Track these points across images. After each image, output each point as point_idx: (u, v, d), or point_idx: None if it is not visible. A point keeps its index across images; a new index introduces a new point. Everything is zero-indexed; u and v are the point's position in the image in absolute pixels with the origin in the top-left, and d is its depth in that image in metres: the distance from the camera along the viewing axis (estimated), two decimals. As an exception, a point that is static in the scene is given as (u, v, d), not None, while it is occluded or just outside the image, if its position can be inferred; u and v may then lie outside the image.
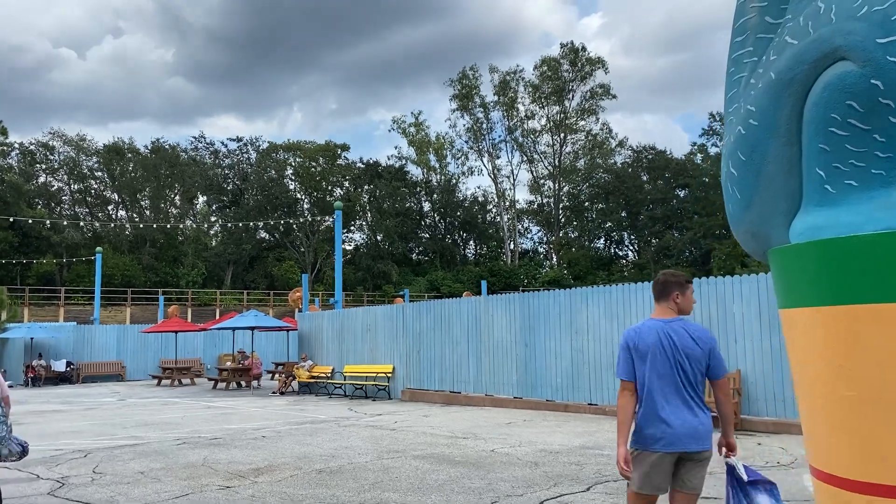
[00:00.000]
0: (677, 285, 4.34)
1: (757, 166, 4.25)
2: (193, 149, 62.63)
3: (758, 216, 4.37)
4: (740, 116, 4.48)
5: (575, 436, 11.38)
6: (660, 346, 4.14)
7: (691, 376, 4.14)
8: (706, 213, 64.99)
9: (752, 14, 5.43)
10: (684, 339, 4.16)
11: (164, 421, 15.27)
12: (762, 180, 4.25)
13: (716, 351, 4.20)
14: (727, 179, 4.60)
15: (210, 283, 59.63)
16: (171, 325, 28.27)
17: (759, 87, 4.32)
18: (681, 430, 4.04)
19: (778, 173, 4.17)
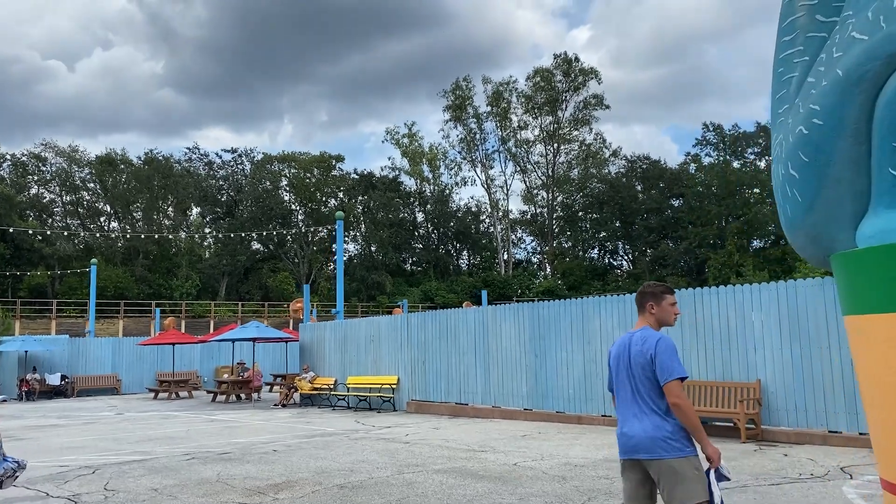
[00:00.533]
0: (651, 296, 4.31)
1: (821, 167, 4.07)
2: (188, 160, 62.31)
3: (821, 219, 4.18)
4: (800, 117, 4.29)
5: (595, 448, 11.15)
6: (620, 357, 4.27)
7: (639, 383, 4.14)
8: (701, 223, 65.10)
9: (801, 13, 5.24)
10: (635, 347, 4.20)
11: (167, 435, 14.94)
12: (827, 181, 4.06)
13: (658, 356, 4.09)
14: (784, 182, 4.40)
15: (204, 295, 59.17)
16: (168, 338, 27.89)
17: (824, 85, 4.13)
18: (630, 438, 4.10)
19: (845, 173, 3.98)
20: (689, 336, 13.00)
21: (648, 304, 4.29)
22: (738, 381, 12.19)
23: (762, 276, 57.72)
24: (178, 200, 61.36)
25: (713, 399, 12.36)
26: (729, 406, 12.09)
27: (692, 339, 12.96)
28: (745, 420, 11.48)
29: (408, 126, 76.37)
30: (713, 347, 12.65)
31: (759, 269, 59.72)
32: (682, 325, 13.10)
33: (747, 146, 70.09)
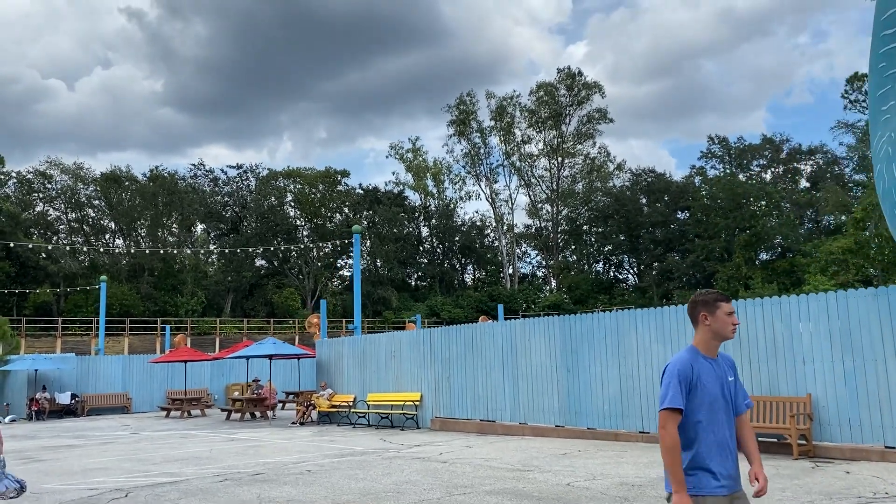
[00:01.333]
0: (703, 304, 3.84)
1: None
2: (192, 176, 62.04)
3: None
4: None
5: (644, 466, 10.76)
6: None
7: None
8: (707, 236, 64.79)
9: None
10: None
11: (191, 455, 14.53)
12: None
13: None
14: None
15: (209, 312, 58.72)
16: (180, 355, 27.48)
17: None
18: None
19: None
20: (733, 349, 12.63)
21: (701, 314, 3.83)
22: (786, 396, 11.82)
23: (771, 288, 57.37)
24: (183, 217, 61.04)
25: (760, 414, 11.98)
26: (777, 421, 11.71)
27: (735, 352, 12.60)
28: (796, 435, 11.11)
29: (412, 141, 76.31)
30: (758, 360, 12.29)
31: (767, 282, 59.38)
32: (725, 338, 12.73)
33: (752, 158, 70.02)
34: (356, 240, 23.99)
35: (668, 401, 3.66)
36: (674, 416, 3.68)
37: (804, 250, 60.31)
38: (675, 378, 3.71)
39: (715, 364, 3.81)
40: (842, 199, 58.72)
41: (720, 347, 3.92)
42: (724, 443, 3.71)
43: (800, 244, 61.96)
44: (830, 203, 58.46)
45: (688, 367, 3.73)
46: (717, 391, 3.76)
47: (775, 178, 69.25)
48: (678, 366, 3.75)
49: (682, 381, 3.71)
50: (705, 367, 3.77)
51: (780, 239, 64.43)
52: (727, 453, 3.71)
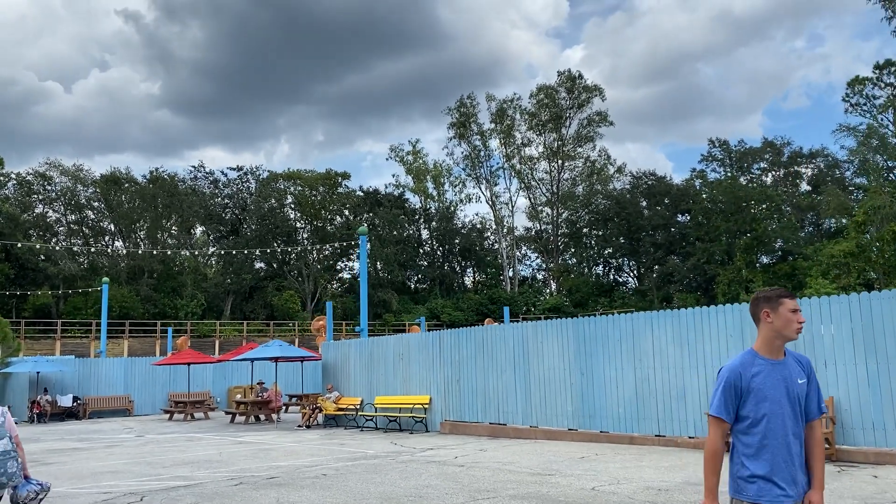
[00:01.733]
0: (766, 301, 3.65)
1: None
2: (192, 178, 61.83)
3: None
4: None
5: (667, 470, 10.60)
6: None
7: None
8: (708, 239, 64.73)
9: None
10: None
11: (201, 459, 14.34)
12: None
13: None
14: None
15: (209, 315, 58.47)
16: (184, 357, 27.27)
17: None
18: None
19: None
20: (752, 352, 12.48)
21: (763, 312, 3.62)
22: (807, 399, 11.66)
23: (772, 291, 57.30)
24: (183, 219, 60.80)
25: (781, 417, 11.82)
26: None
27: (755, 355, 12.44)
28: (820, 439, 10.94)
29: (412, 143, 76.29)
30: (778, 363, 12.13)
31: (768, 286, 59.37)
32: (745, 340, 12.61)
33: (753, 161, 70.00)
34: (363, 241, 23.85)
35: (713, 408, 3.61)
36: (717, 423, 3.60)
37: (805, 254, 60.27)
38: (722, 385, 3.60)
39: (780, 366, 3.62)
40: (843, 203, 58.70)
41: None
42: (788, 450, 3.53)
43: (801, 247, 61.93)
44: (832, 206, 58.42)
45: (736, 374, 3.58)
46: (781, 395, 3.57)
47: (776, 181, 69.26)
48: (727, 372, 3.61)
49: (728, 388, 3.58)
50: (765, 369, 3.60)
51: (780, 242, 64.38)
52: (792, 461, 3.53)
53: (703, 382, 13.15)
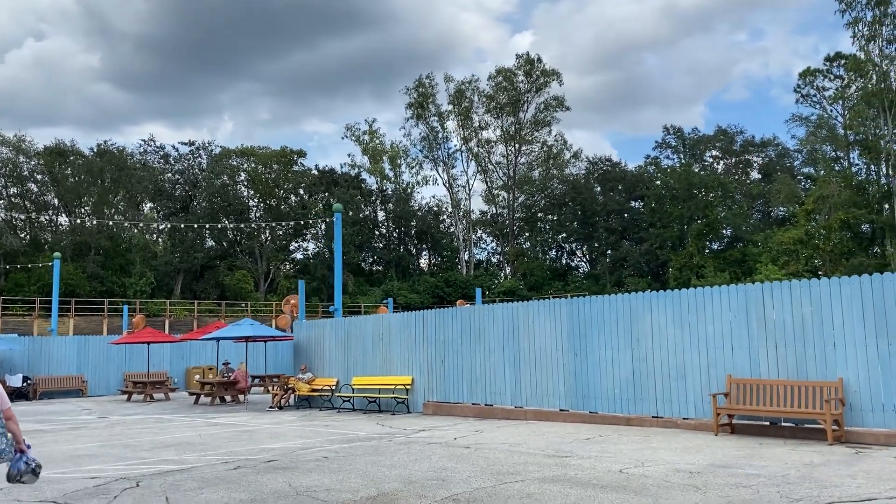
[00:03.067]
0: None
1: None
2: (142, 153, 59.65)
3: None
4: None
5: (682, 452, 10.39)
6: None
7: None
8: (661, 225, 65.59)
9: None
10: None
11: (181, 441, 13.62)
12: None
13: None
14: None
15: (158, 293, 56.72)
16: (143, 336, 26.17)
17: None
18: None
19: None
20: (757, 332, 12.38)
21: None
22: (815, 381, 11.62)
23: (723, 277, 58.37)
24: (131, 195, 58.70)
25: (789, 399, 11.76)
26: (809, 406, 11.51)
27: (760, 336, 12.35)
28: (831, 421, 10.90)
29: (368, 123, 75.14)
30: (785, 344, 12.06)
31: (720, 271, 60.45)
32: (749, 321, 12.50)
33: (705, 149, 71.07)
34: (337, 219, 23.14)
35: None
36: None
37: (755, 240, 61.57)
38: None
39: None
40: (793, 191, 60.11)
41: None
42: None
43: (751, 234, 63.24)
44: (782, 194, 59.76)
45: None
46: None
47: (727, 168, 70.50)
48: None
49: None
50: None
51: (731, 229, 65.67)
52: None
53: (705, 363, 13.01)
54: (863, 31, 51.01)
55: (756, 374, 12.36)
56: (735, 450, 10.47)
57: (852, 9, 51.04)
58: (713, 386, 12.84)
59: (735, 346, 12.65)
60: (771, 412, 11.67)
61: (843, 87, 58.24)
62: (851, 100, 56.59)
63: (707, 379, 12.95)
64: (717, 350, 12.88)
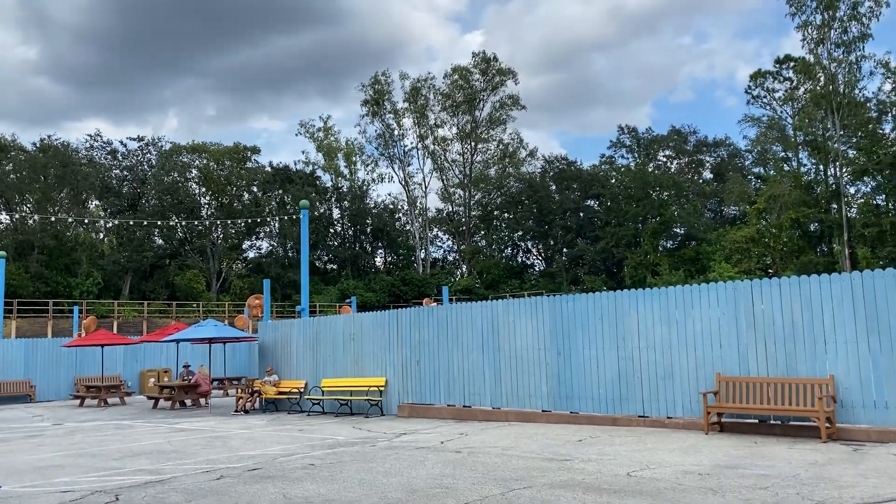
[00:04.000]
0: None
1: None
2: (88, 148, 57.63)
3: None
4: None
5: (682, 452, 10.20)
6: None
7: None
8: (617, 223, 66.22)
9: None
10: None
11: (151, 449, 12.93)
12: None
13: None
14: None
15: (106, 294, 54.91)
16: (97, 338, 25.09)
17: None
18: None
19: None
20: (746, 330, 12.30)
21: None
22: (806, 378, 11.57)
23: (678, 275, 59.19)
24: (76, 192, 56.66)
25: (780, 396, 11.70)
26: (800, 403, 11.45)
27: (749, 333, 12.27)
28: (824, 418, 10.85)
29: (323, 120, 74.06)
30: (774, 341, 12.00)
31: (674, 269, 61.30)
32: (738, 318, 12.41)
33: (659, 149, 72.00)
34: (304, 216, 22.47)
35: None
36: None
37: (708, 239, 62.59)
38: None
39: None
40: (745, 191, 61.30)
41: None
42: None
43: (704, 233, 64.29)
44: (734, 194, 60.89)
45: None
46: None
47: (680, 168, 71.55)
48: None
49: None
50: None
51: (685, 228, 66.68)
52: None
53: (693, 362, 12.89)
54: (812, 34, 52.18)
55: (745, 372, 12.28)
56: (732, 449, 10.33)
57: (802, 12, 52.17)
58: (702, 384, 12.73)
59: (724, 344, 12.55)
60: (763, 410, 11.59)
61: (792, 88, 59.61)
62: (800, 101, 57.95)
63: (695, 377, 12.83)
64: (705, 348, 12.76)
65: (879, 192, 52.94)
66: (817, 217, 53.79)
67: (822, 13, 51.28)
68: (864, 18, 50.50)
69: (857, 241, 52.11)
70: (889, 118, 54.27)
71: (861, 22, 50.65)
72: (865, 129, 52.77)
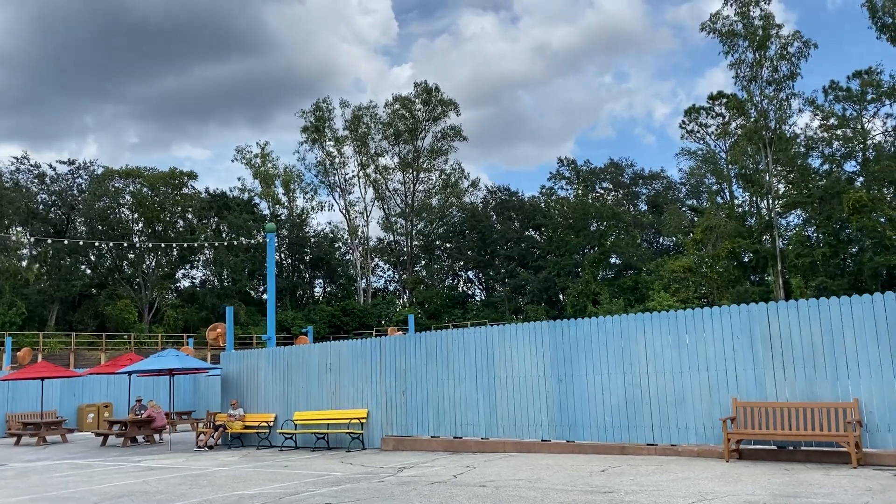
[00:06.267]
0: None
1: None
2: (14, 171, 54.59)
3: None
4: None
5: (724, 482, 9.77)
6: None
7: None
8: (560, 254, 66.76)
9: None
10: None
11: (131, 490, 11.74)
12: None
13: None
14: None
15: (30, 325, 51.70)
16: (38, 371, 23.23)
17: None
18: None
19: None
20: (763, 353, 12.08)
21: None
22: (829, 402, 11.39)
23: (618, 304, 59.87)
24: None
25: (801, 422, 11.46)
26: (820, 428, 11.24)
27: (766, 357, 12.06)
28: (854, 443, 10.65)
29: (260, 146, 72.48)
30: (793, 365, 11.80)
31: (615, 297, 62.05)
32: (753, 342, 12.19)
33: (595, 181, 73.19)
34: (270, 239, 21.45)
35: None
36: None
37: (648, 268, 63.71)
38: None
39: None
40: (682, 222, 62.81)
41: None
42: None
43: (642, 263, 65.44)
44: (672, 225, 62.28)
45: None
46: None
47: (617, 200, 72.86)
48: None
49: None
50: None
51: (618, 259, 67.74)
52: None
53: (706, 387, 12.59)
54: (745, 72, 54.19)
55: (762, 397, 12.03)
56: (771, 476, 9.98)
57: (734, 51, 54.17)
58: (716, 410, 12.42)
59: (739, 368, 12.30)
60: (788, 436, 11.32)
61: (724, 123, 61.73)
62: (733, 136, 60.00)
63: (709, 403, 12.52)
64: (718, 372, 12.48)
65: (810, 224, 55.02)
66: (751, 248, 55.42)
67: (755, 52, 53.38)
68: (792, 58, 52.78)
69: (791, 271, 53.89)
70: (816, 153, 56.71)
71: (790, 61, 52.93)
72: (794, 164, 54.93)
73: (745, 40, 53.51)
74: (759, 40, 52.60)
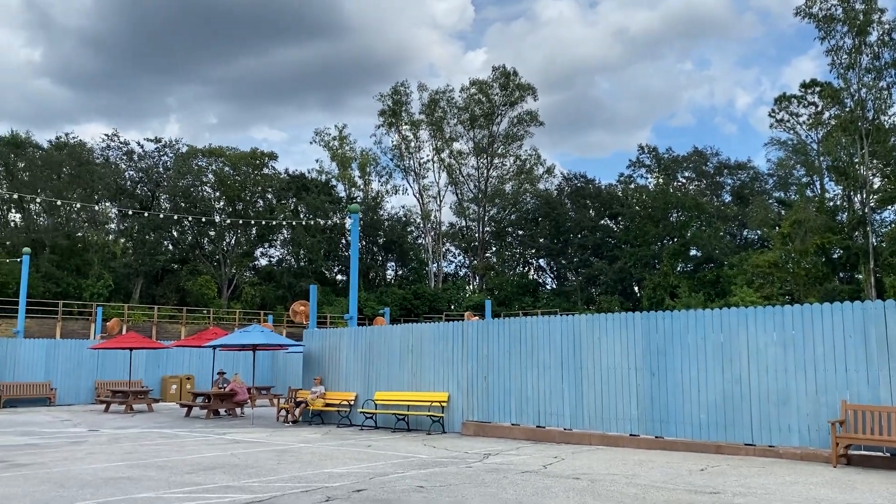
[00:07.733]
0: None
1: None
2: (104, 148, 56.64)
3: None
4: None
5: (838, 489, 9.16)
6: None
7: None
8: (637, 244, 65.33)
9: None
10: None
11: (221, 462, 11.86)
12: None
13: None
14: None
15: (116, 297, 53.70)
16: (126, 341, 23.98)
17: None
18: None
19: None
20: (879, 354, 11.32)
21: None
22: (952, 409, 10.58)
23: (697, 298, 58.21)
24: (89, 192, 55.56)
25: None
26: (946, 437, 10.45)
27: (881, 358, 11.29)
28: (982, 455, 9.86)
29: (339, 129, 73.19)
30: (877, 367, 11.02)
31: (694, 292, 60.31)
32: (867, 341, 11.42)
33: (680, 170, 71.16)
34: (354, 220, 21.48)
35: None
36: None
37: (731, 262, 61.67)
38: None
39: None
40: (770, 215, 60.49)
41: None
42: None
43: (725, 256, 63.37)
44: (758, 218, 60.06)
45: None
46: None
47: (699, 190, 70.72)
48: None
49: None
50: None
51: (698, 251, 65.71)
52: None
53: (812, 387, 11.89)
54: (841, 58, 51.60)
55: (875, 400, 11.27)
56: (888, 486, 9.31)
57: (832, 37, 51.62)
58: (822, 412, 11.72)
59: (850, 370, 11.55)
60: (903, 443, 10.58)
61: (817, 113, 59.02)
62: (826, 126, 57.32)
63: (815, 404, 11.82)
64: (827, 373, 11.76)
65: (907, 220, 52.22)
66: (842, 244, 52.96)
67: (854, 38, 50.74)
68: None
69: (884, 269, 51.29)
70: (917, 146, 53.62)
71: (893, 48, 50.12)
72: (892, 157, 52.11)
73: (843, 25, 50.91)
74: (859, 25, 49.95)
